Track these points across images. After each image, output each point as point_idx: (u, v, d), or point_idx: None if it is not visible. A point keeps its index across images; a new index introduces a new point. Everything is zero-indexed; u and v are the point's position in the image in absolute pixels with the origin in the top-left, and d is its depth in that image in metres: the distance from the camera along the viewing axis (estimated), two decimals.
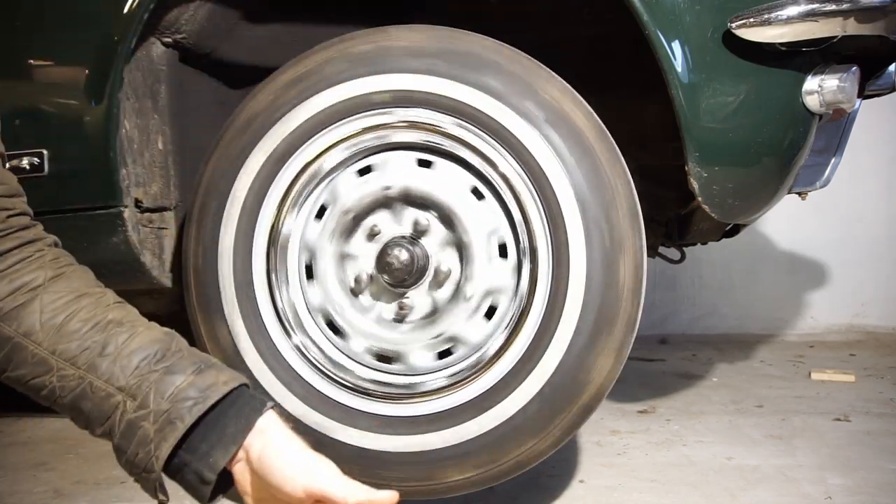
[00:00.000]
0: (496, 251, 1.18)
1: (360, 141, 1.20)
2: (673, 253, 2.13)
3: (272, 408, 0.77)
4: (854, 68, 1.16)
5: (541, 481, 1.51)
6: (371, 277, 1.23)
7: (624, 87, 1.56)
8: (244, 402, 0.76)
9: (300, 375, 1.22)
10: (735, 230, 1.79)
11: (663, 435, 1.80)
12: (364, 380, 1.21)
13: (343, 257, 1.24)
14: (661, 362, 2.64)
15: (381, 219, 1.22)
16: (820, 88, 1.15)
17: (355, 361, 1.23)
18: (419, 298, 1.22)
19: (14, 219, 0.78)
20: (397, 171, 1.20)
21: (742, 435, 1.79)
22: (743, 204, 1.23)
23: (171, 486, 0.78)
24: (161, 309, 1.58)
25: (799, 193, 1.48)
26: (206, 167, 1.26)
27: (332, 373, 1.22)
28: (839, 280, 3.13)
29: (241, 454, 0.75)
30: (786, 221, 3.06)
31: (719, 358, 2.69)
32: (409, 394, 1.19)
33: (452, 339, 1.20)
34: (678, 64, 1.12)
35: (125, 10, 1.21)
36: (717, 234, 1.79)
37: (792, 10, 1.08)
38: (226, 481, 0.78)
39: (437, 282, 1.21)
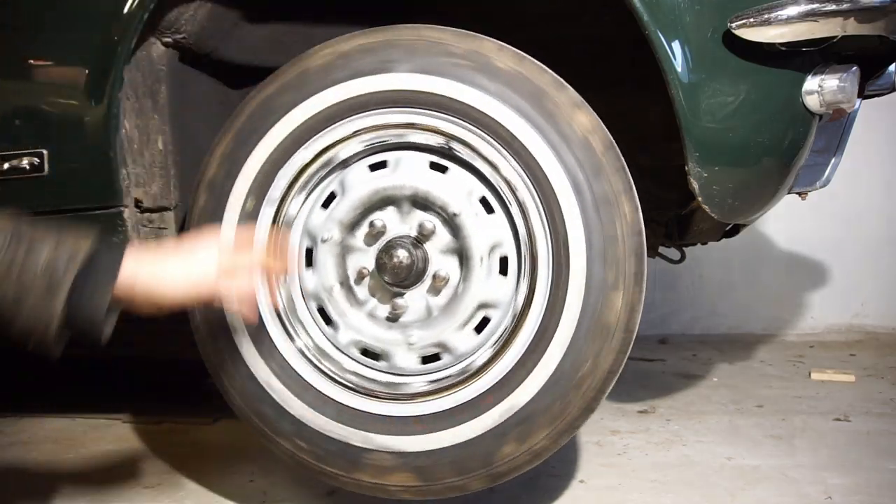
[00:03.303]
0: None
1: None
2: (673, 253, 2.13)
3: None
4: (854, 68, 1.15)
5: (541, 481, 1.51)
6: None
7: (624, 88, 1.56)
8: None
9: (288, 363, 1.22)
10: (735, 230, 1.78)
11: (663, 435, 1.80)
12: None
13: None
14: (661, 362, 2.64)
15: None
16: (820, 88, 1.15)
17: None
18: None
19: None
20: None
21: (742, 435, 1.79)
22: (743, 204, 1.23)
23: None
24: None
25: (799, 193, 1.48)
26: None
27: None
28: (839, 280, 3.13)
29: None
30: (786, 221, 3.06)
31: (719, 358, 2.69)
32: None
33: None
34: (678, 64, 1.12)
35: (125, 10, 1.21)
36: (717, 234, 1.78)
37: (792, 10, 1.08)
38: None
39: None
